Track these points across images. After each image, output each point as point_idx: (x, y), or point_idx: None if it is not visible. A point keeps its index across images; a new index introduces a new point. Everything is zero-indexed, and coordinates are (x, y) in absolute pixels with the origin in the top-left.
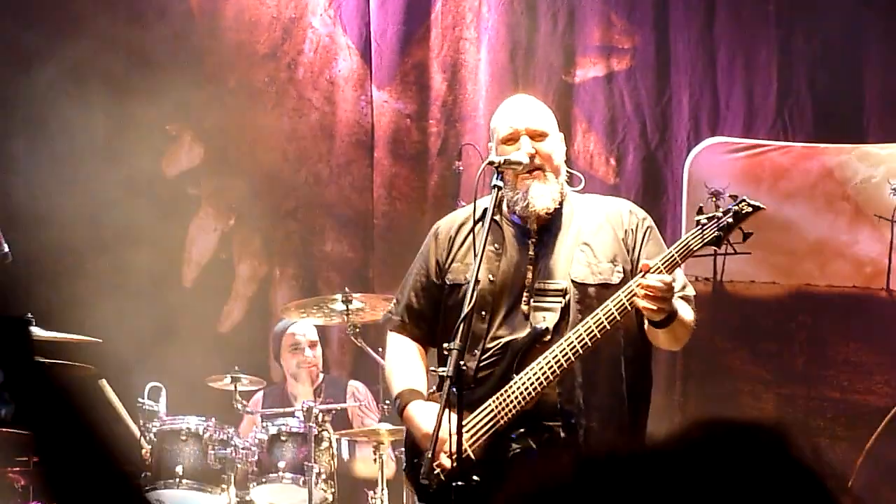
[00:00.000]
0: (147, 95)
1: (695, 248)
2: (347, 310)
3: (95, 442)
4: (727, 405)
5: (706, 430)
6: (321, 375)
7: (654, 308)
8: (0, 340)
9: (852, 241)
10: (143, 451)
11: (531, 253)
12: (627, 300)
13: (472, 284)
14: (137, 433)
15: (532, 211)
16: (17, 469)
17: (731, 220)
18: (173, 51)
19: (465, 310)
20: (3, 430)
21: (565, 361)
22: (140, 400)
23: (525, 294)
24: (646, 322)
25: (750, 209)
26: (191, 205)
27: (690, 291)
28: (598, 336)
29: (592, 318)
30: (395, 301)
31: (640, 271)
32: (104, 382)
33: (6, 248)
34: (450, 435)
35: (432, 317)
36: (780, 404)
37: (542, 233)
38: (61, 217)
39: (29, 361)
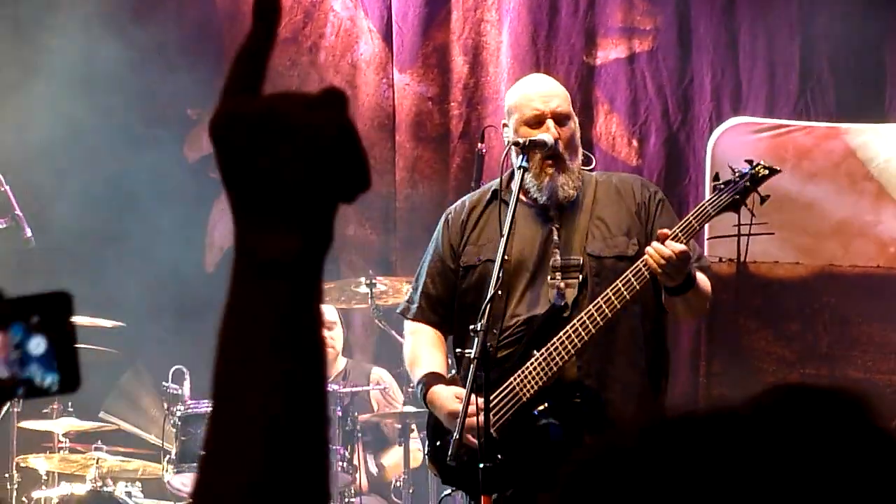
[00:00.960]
0: (168, 80)
1: (712, 213)
2: (371, 293)
3: None
4: (751, 386)
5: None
6: (344, 360)
7: (672, 276)
8: (48, 312)
9: (876, 221)
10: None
11: (556, 237)
12: (646, 268)
13: (498, 262)
14: (162, 417)
15: (556, 200)
16: None
17: (748, 183)
18: (195, 35)
19: (491, 289)
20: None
21: (585, 334)
22: (164, 384)
23: (554, 272)
24: (663, 293)
25: (766, 172)
26: (213, 189)
27: (706, 262)
28: (619, 307)
29: (612, 290)
30: (411, 289)
31: (658, 239)
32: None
33: (29, 233)
34: (477, 414)
35: (449, 302)
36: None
37: (560, 213)
38: (85, 202)
39: (72, 334)
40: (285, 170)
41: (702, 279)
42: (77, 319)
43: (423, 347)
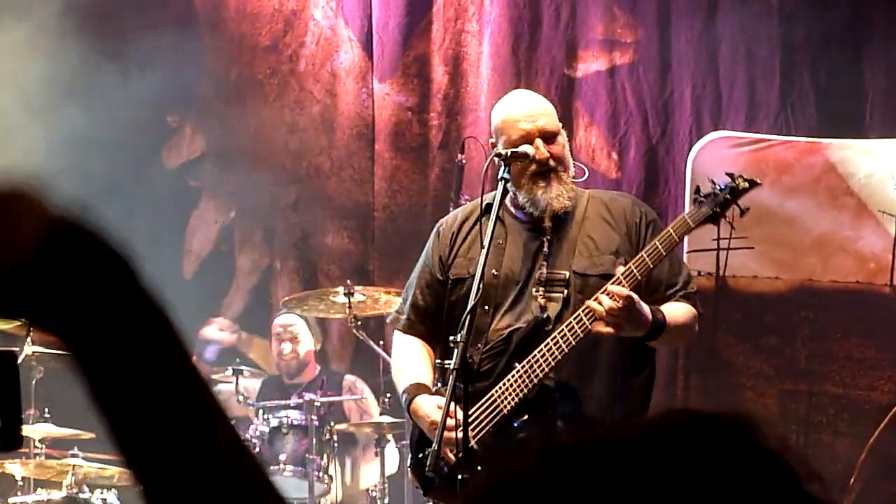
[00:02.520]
0: (148, 86)
1: (692, 225)
2: (349, 302)
3: None
4: (729, 400)
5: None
6: (317, 368)
7: (623, 327)
8: None
9: (856, 236)
10: None
11: (545, 249)
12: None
13: (478, 276)
14: None
15: (551, 211)
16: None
17: (727, 196)
18: (175, 42)
19: (471, 302)
20: None
21: (566, 346)
22: None
23: (537, 285)
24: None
25: (746, 184)
26: (191, 196)
27: (692, 289)
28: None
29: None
30: (402, 300)
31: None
32: None
33: None
34: (455, 427)
35: (438, 314)
36: (783, 400)
37: (554, 225)
38: (62, 207)
39: (17, 393)
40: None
41: (679, 315)
42: None
43: (411, 359)
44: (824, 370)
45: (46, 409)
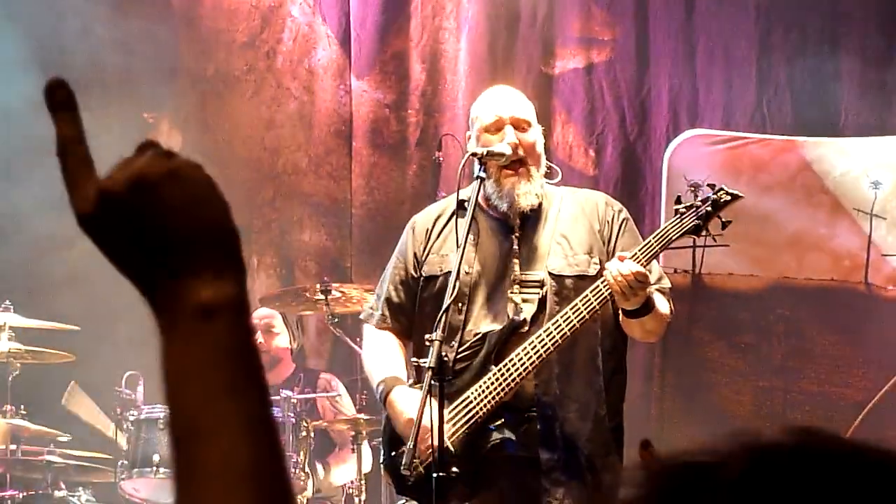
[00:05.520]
0: (124, 83)
1: (674, 238)
2: (326, 299)
3: None
4: (705, 397)
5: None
6: (292, 366)
7: (627, 297)
8: None
9: (831, 234)
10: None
11: (515, 247)
12: (607, 289)
13: (454, 274)
14: (113, 425)
15: (518, 209)
16: None
17: (709, 208)
18: (151, 38)
19: (447, 301)
20: None
21: (544, 352)
22: (118, 388)
23: (513, 285)
24: (621, 313)
25: (728, 197)
26: None
27: (666, 284)
28: (577, 326)
29: (571, 309)
30: (375, 295)
31: (617, 260)
32: (75, 385)
33: None
34: (431, 426)
35: (412, 310)
36: (758, 397)
37: (522, 225)
38: (38, 203)
39: None
40: (178, 223)
41: (660, 303)
42: (32, 323)
43: (384, 353)
44: (799, 367)
45: (22, 406)
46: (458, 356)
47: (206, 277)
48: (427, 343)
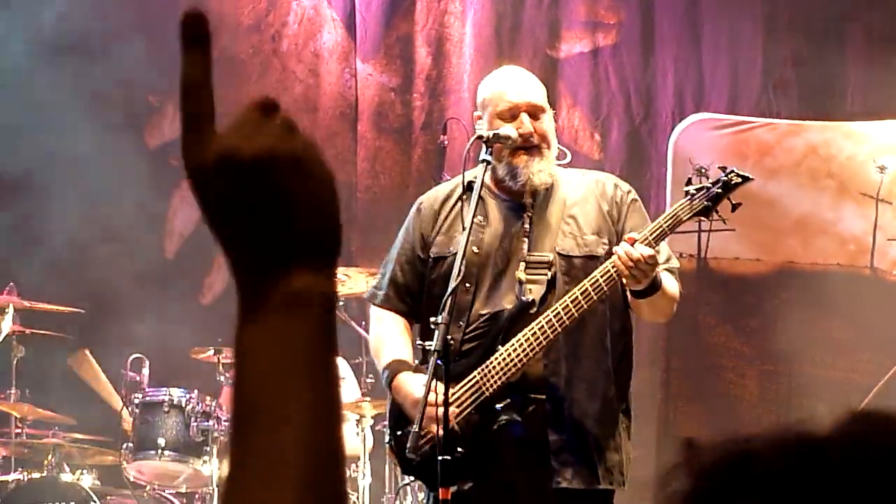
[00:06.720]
0: (129, 65)
1: (684, 219)
2: None
3: None
4: (710, 382)
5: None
6: None
7: (637, 279)
8: None
9: (836, 218)
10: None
11: (526, 226)
12: (614, 270)
13: (460, 256)
14: (120, 404)
15: (531, 186)
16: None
17: (720, 190)
18: (156, 21)
19: (453, 282)
20: None
21: (551, 332)
22: (123, 371)
23: (521, 265)
24: (629, 293)
25: (739, 179)
26: (173, 176)
27: (675, 263)
28: (585, 307)
29: (579, 289)
30: (379, 275)
31: (626, 242)
32: (87, 353)
33: None
34: (436, 407)
35: (417, 291)
36: (764, 381)
37: (535, 202)
38: (43, 186)
39: None
40: (296, 211)
41: (669, 282)
42: (35, 304)
43: (390, 335)
44: (804, 351)
45: (27, 390)
46: (466, 336)
47: (306, 268)
48: (433, 326)
